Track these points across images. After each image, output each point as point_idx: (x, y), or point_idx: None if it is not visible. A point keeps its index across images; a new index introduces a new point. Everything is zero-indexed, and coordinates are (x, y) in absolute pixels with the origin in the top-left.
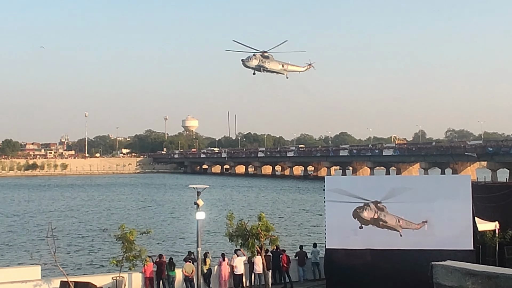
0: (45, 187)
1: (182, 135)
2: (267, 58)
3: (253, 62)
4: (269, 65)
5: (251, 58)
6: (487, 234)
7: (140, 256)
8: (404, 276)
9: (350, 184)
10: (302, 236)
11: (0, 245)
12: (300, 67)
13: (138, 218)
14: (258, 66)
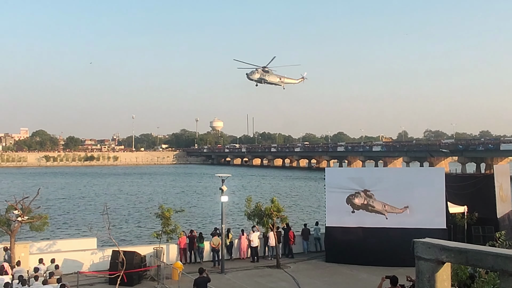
0: (100, 175)
1: (210, 134)
2: (267, 72)
3: (255, 76)
4: (269, 78)
5: (254, 72)
6: (457, 216)
7: (176, 231)
8: (389, 248)
9: (345, 174)
10: (306, 216)
11: (66, 221)
12: (294, 80)
13: (174, 200)
14: (260, 79)
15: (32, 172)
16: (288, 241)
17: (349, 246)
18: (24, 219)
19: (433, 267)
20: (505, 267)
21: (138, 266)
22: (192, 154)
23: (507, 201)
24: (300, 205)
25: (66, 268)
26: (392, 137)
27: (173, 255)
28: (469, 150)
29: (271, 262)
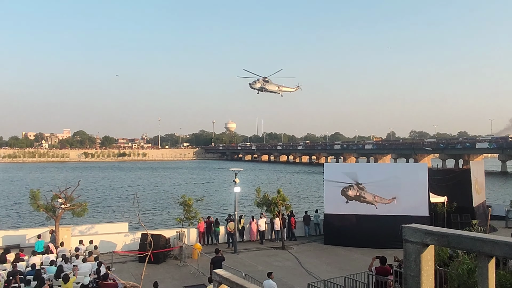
0: (131, 169)
1: (224, 134)
2: (267, 82)
3: (257, 85)
4: (269, 87)
5: (255, 82)
6: (438, 205)
7: (196, 217)
8: (379, 233)
9: (341, 169)
10: (307, 205)
11: (102, 208)
12: (291, 88)
13: (194, 190)
14: (261, 88)
15: (73, 167)
16: (290, 226)
17: (344, 231)
18: (67, 206)
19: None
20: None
21: (164, 247)
22: (209, 151)
23: (482, 192)
24: (302, 195)
25: (102, 248)
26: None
27: (193, 237)
28: (449, 148)
29: (277, 244)
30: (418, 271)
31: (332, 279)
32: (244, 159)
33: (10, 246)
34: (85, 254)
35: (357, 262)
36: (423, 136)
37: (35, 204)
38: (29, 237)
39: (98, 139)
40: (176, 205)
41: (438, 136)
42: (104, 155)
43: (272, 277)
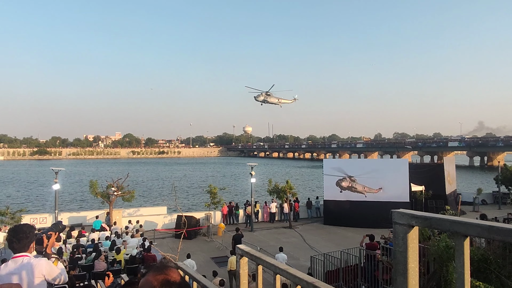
0: (169, 164)
1: (242, 136)
2: (269, 95)
3: (260, 98)
4: (270, 100)
5: (259, 96)
6: (417, 193)
7: (220, 202)
8: (368, 215)
9: (337, 164)
10: (310, 192)
11: (146, 195)
12: (289, 100)
13: (219, 180)
14: (263, 100)
15: (123, 162)
16: (295, 210)
17: (340, 214)
18: (118, 193)
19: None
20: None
21: (194, 226)
22: (230, 150)
23: (453, 183)
24: (305, 184)
25: (146, 227)
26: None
27: (218, 218)
28: (426, 147)
29: (285, 224)
30: (405, 248)
31: (331, 253)
32: (258, 155)
33: (74, 225)
34: (133, 231)
35: (350, 239)
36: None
37: (93, 192)
38: (89, 218)
39: (142, 140)
40: (204, 192)
41: (417, 137)
42: (147, 153)
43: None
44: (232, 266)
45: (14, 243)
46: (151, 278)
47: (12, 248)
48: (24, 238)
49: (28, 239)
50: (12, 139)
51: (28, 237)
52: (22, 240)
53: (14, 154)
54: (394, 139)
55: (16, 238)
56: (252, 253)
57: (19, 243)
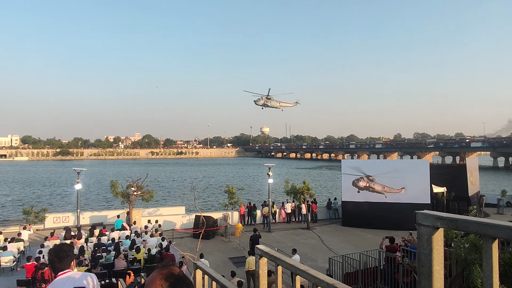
0: (187, 164)
1: (260, 136)
2: (269, 99)
3: (260, 102)
4: (271, 103)
5: (259, 99)
6: (439, 194)
7: (237, 202)
8: (388, 217)
9: (356, 164)
10: (327, 193)
11: (165, 195)
12: (290, 104)
13: (236, 180)
14: (264, 104)
15: (143, 163)
16: (312, 211)
17: (359, 215)
18: (138, 193)
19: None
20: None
21: (212, 226)
22: (248, 150)
23: (476, 184)
24: (323, 185)
25: (165, 226)
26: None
27: (236, 219)
28: (447, 147)
29: (303, 225)
30: (430, 250)
31: (349, 255)
32: (275, 156)
33: (96, 224)
34: (152, 231)
35: (369, 241)
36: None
37: (114, 192)
38: (109, 217)
39: (161, 141)
40: (222, 192)
41: (438, 137)
42: (166, 153)
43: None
44: (250, 266)
45: (56, 262)
46: (156, 273)
47: (53, 268)
48: (65, 257)
49: (69, 257)
50: (36, 140)
51: (69, 256)
52: (64, 259)
53: (38, 155)
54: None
55: (57, 257)
56: (272, 254)
57: (60, 262)
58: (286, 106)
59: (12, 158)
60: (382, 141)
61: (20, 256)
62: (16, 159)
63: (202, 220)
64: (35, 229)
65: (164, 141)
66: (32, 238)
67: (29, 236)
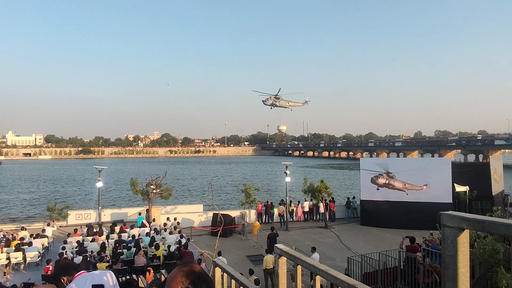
0: (205, 163)
1: (277, 134)
2: (278, 98)
3: (269, 102)
4: (279, 103)
5: (267, 99)
6: (461, 193)
7: (254, 201)
8: (408, 216)
9: (374, 162)
10: (347, 192)
11: (184, 193)
12: (299, 103)
13: (253, 179)
14: (272, 104)
15: (161, 161)
16: (330, 209)
17: (378, 214)
18: (157, 191)
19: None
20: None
21: (230, 224)
22: (265, 149)
23: (500, 182)
24: (341, 183)
25: (184, 224)
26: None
27: (253, 217)
28: (470, 145)
29: (320, 224)
30: (455, 252)
31: (368, 254)
32: (293, 154)
33: (116, 221)
34: (171, 228)
35: (389, 241)
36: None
37: (134, 189)
38: (130, 214)
39: (179, 139)
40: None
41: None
42: (184, 151)
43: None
44: (267, 265)
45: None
46: (177, 270)
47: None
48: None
49: (76, 270)
50: (59, 139)
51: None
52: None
53: (61, 153)
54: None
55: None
56: (291, 253)
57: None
58: (295, 105)
59: (36, 157)
60: (402, 139)
61: (45, 252)
62: (40, 158)
63: (220, 218)
64: (58, 226)
65: (182, 140)
66: (55, 235)
67: (52, 233)
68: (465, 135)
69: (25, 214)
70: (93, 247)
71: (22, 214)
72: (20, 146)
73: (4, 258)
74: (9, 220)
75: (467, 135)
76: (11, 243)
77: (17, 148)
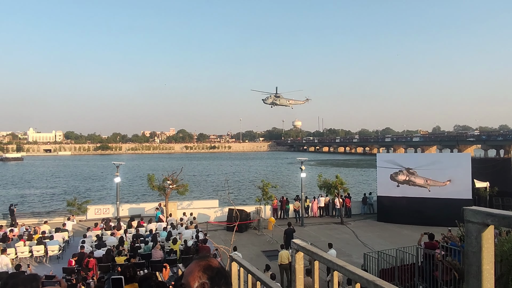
0: (220, 159)
1: (292, 130)
2: (278, 97)
3: (269, 100)
4: (279, 101)
5: (267, 98)
6: (481, 189)
7: (270, 197)
8: (426, 212)
9: (392, 158)
10: (363, 187)
11: (199, 188)
12: (300, 101)
13: (269, 174)
14: (272, 103)
15: (177, 157)
16: (346, 205)
17: (395, 210)
18: (173, 186)
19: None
20: None
21: (245, 219)
22: (280, 144)
23: None
24: (358, 179)
25: (200, 219)
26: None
27: (268, 212)
28: (491, 140)
29: (336, 220)
30: (479, 248)
31: (385, 250)
32: (308, 150)
33: (134, 216)
34: (187, 223)
35: (406, 237)
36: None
37: (151, 185)
38: (147, 209)
39: (195, 135)
40: (254, 187)
41: (480, 129)
42: (199, 148)
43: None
44: (282, 260)
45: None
46: (195, 264)
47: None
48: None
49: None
50: (78, 135)
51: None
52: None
53: (80, 149)
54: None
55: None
56: (308, 248)
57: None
58: (296, 103)
59: (56, 153)
60: (419, 134)
61: (65, 245)
62: (60, 154)
63: (235, 214)
64: (78, 220)
65: (197, 136)
66: (75, 229)
67: (72, 227)
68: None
69: (47, 208)
70: (111, 241)
71: (43, 209)
72: (40, 142)
73: (27, 251)
74: (31, 215)
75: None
76: (34, 237)
77: (37, 145)
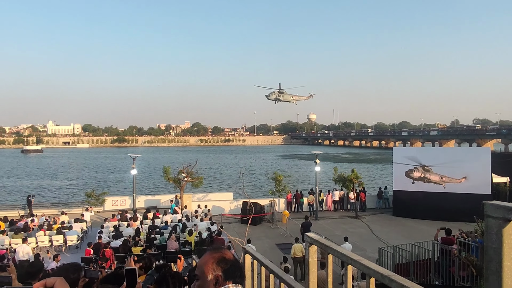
0: (235, 152)
1: (306, 123)
2: (281, 93)
3: (272, 96)
4: (283, 97)
5: (271, 94)
6: (500, 185)
7: (284, 190)
8: (444, 207)
9: (408, 153)
10: (379, 181)
11: (214, 181)
12: (304, 97)
13: (284, 167)
14: (276, 99)
15: (192, 150)
16: (361, 199)
17: (411, 205)
18: (188, 179)
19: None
20: None
21: (259, 212)
22: (294, 138)
23: None
24: (373, 173)
25: (214, 211)
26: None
27: (282, 206)
28: (511, 134)
29: (351, 214)
30: (499, 244)
31: (400, 245)
32: (323, 144)
33: (150, 207)
34: (201, 215)
35: (422, 232)
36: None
37: (166, 177)
38: (162, 201)
39: (209, 129)
40: (268, 180)
41: (500, 123)
42: (214, 140)
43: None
44: (296, 253)
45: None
46: (208, 256)
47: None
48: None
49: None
50: (95, 128)
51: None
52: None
53: (98, 142)
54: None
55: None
56: (322, 242)
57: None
58: (300, 99)
59: (74, 145)
60: (437, 128)
61: (83, 236)
62: (78, 146)
63: (250, 206)
64: (95, 211)
65: (212, 129)
66: (92, 219)
67: (90, 217)
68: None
69: (65, 199)
70: (128, 232)
71: (63, 200)
72: (59, 135)
73: (47, 240)
74: (51, 205)
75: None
76: (53, 227)
77: (56, 137)
